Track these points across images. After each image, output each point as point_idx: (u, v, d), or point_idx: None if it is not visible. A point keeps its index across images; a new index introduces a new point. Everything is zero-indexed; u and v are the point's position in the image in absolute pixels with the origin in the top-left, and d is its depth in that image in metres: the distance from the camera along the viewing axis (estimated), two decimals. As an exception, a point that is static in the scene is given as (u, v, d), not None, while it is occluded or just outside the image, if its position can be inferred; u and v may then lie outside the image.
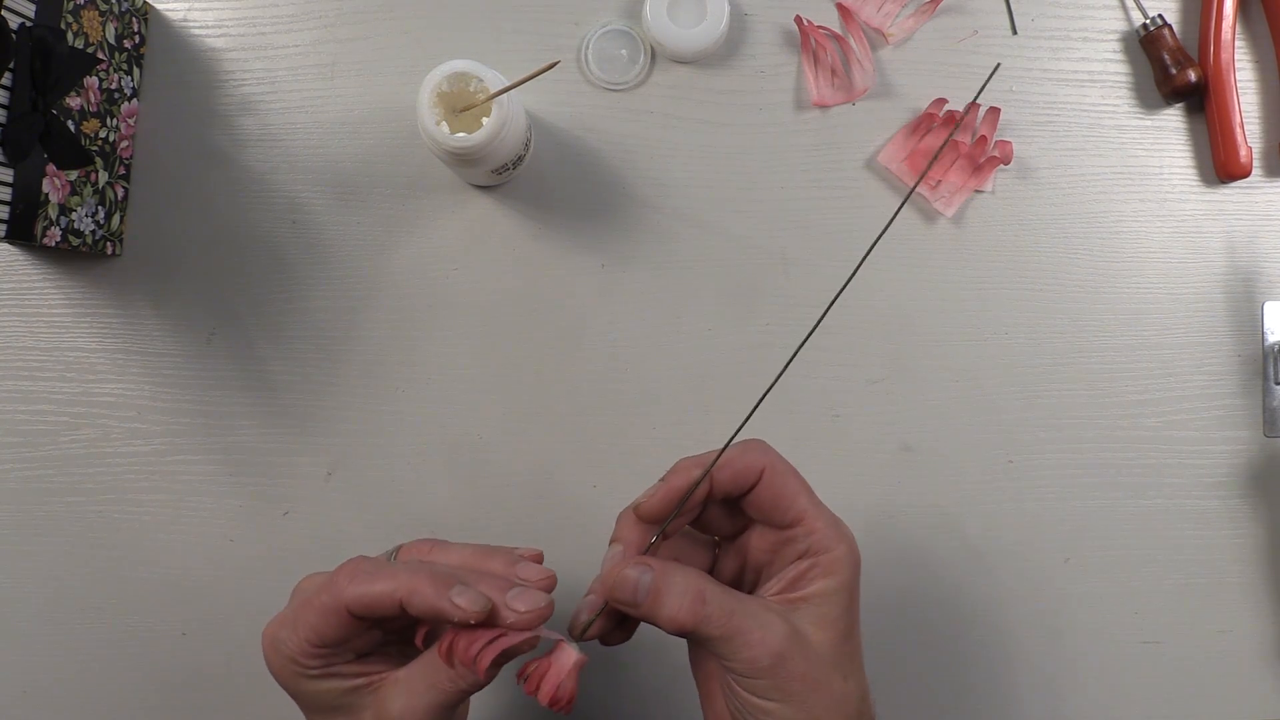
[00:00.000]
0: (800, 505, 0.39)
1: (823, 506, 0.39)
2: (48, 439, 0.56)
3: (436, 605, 0.36)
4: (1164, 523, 0.59)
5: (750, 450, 0.40)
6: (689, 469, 0.39)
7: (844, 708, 0.37)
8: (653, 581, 0.37)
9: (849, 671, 0.38)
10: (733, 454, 0.39)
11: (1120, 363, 0.59)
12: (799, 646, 0.37)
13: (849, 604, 0.38)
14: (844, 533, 0.39)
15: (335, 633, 0.37)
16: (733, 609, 0.36)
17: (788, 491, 0.39)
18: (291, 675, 0.38)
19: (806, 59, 0.59)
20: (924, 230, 0.59)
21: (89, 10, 0.51)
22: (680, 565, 0.38)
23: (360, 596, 0.36)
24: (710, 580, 0.38)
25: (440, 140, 0.48)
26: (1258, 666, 0.59)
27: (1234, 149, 0.59)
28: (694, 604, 0.36)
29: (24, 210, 0.47)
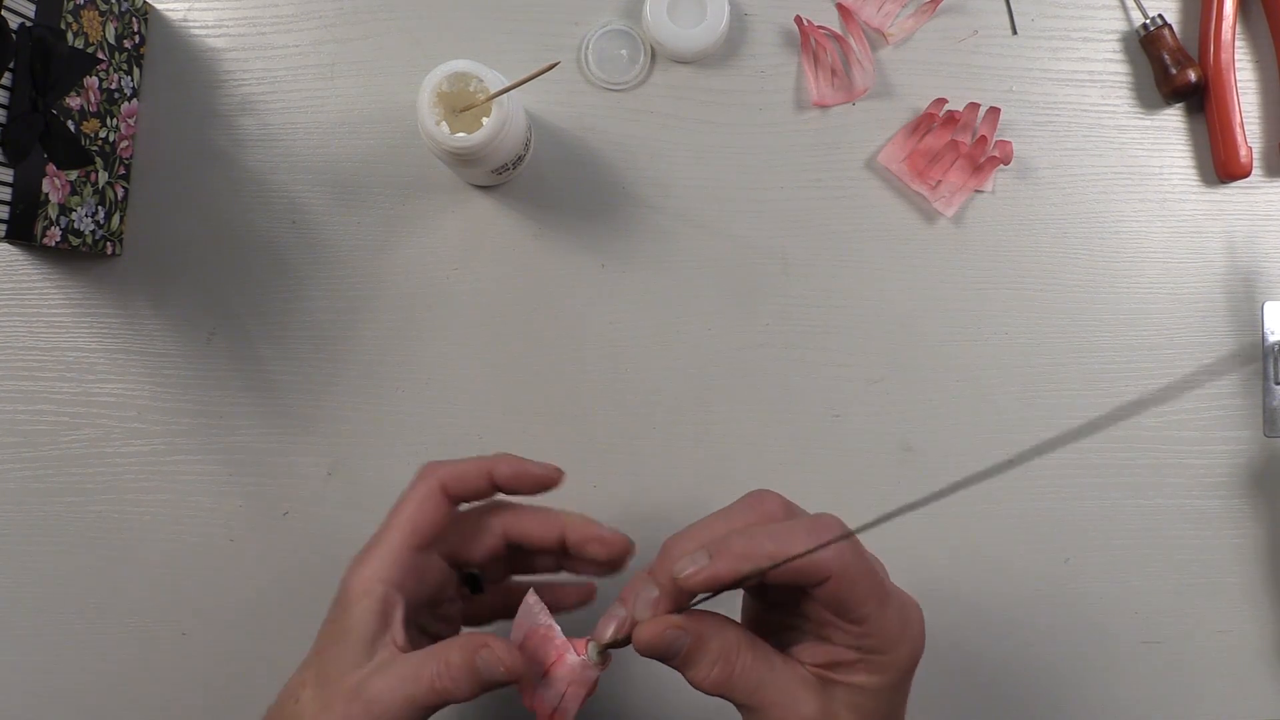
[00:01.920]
0: (865, 611, 0.35)
1: (891, 600, 0.35)
2: (48, 439, 0.56)
3: (521, 467, 0.42)
4: (1164, 523, 0.59)
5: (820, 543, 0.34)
6: (744, 555, 0.34)
7: None
8: (686, 645, 0.35)
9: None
10: (796, 541, 0.34)
11: (1120, 363, 0.59)
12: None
13: (892, 699, 0.36)
14: (909, 633, 0.36)
15: (430, 519, 0.40)
16: (760, 680, 0.35)
17: (854, 598, 0.35)
18: (365, 584, 0.39)
19: (806, 59, 0.59)
20: (924, 230, 0.59)
21: (89, 10, 0.51)
22: (719, 624, 0.36)
23: (453, 472, 0.41)
24: (747, 643, 0.36)
25: (440, 140, 0.48)
26: (1258, 666, 0.59)
27: (1234, 149, 0.59)
28: (722, 673, 0.35)
29: (24, 210, 0.47)
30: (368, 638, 0.38)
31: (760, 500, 0.38)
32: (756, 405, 0.58)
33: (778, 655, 0.36)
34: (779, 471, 0.57)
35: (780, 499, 0.38)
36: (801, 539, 0.33)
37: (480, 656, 0.37)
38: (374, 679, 0.37)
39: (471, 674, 0.37)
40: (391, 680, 0.37)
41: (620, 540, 0.42)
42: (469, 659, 0.37)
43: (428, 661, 0.37)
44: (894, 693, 0.36)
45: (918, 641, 0.36)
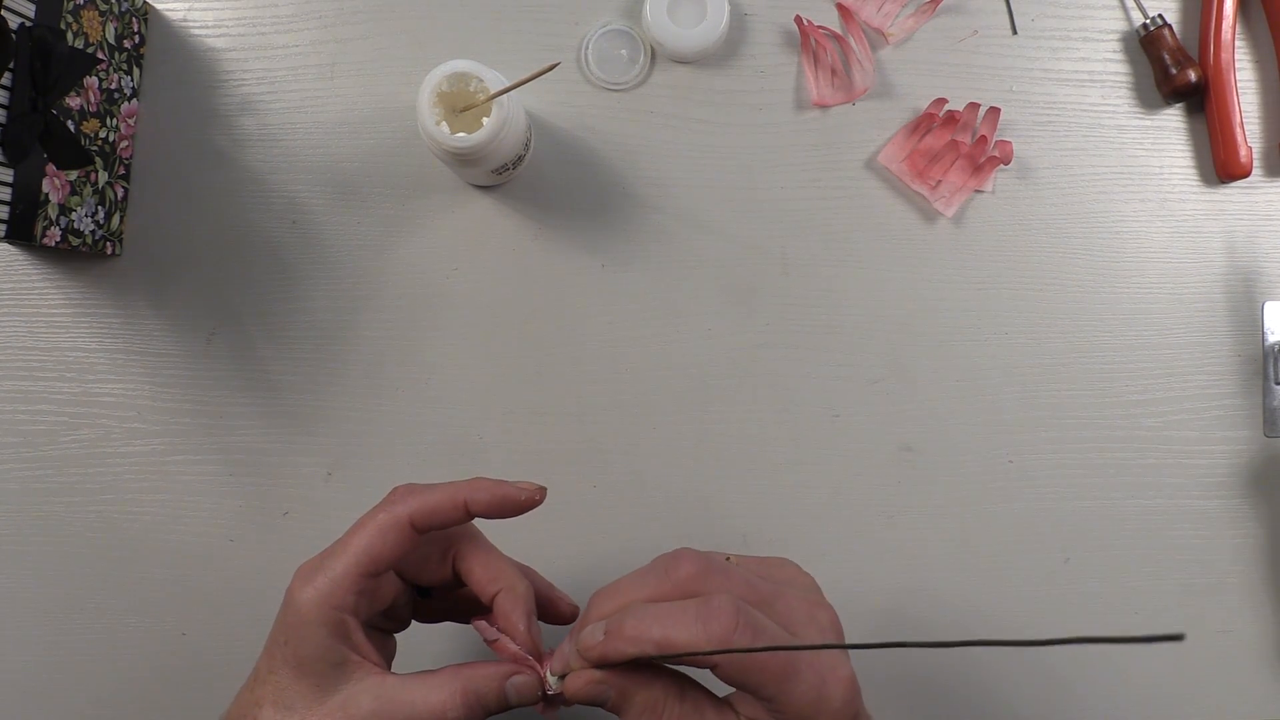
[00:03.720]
0: (766, 692, 0.34)
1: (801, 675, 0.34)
2: (47, 439, 0.56)
3: (499, 491, 0.39)
4: (1164, 523, 0.59)
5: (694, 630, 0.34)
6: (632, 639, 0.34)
7: None
8: (611, 699, 0.36)
9: None
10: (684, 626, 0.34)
11: (1120, 363, 0.59)
12: None
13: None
14: (826, 706, 0.35)
15: (391, 551, 0.38)
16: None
17: (749, 682, 0.34)
18: (315, 610, 0.37)
19: (806, 59, 0.59)
20: (924, 230, 0.59)
21: (89, 10, 0.51)
22: (646, 678, 0.36)
23: (423, 505, 0.38)
24: (675, 694, 0.36)
25: (440, 140, 0.48)
26: (1258, 666, 0.59)
27: (1234, 149, 0.59)
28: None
29: (24, 210, 0.47)
30: (333, 660, 0.37)
31: (673, 566, 0.37)
32: (756, 405, 0.58)
33: (712, 707, 0.37)
34: (779, 471, 0.58)
35: (692, 562, 0.37)
36: (689, 625, 0.34)
37: (512, 683, 0.38)
38: (362, 700, 0.37)
39: (497, 701, 0.38)
40: (385, 704, 0.37)
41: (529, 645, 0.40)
42: (498, 688, 0.38)
43: (436, 689, 0.37)
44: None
45: (839, 714, 0.35)
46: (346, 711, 0.37)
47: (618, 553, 0.57)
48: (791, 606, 0.37)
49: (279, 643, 0.38)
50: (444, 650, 0.55)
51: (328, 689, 0.37)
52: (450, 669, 0.38)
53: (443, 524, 0.39)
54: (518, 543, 0.57)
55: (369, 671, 0.38)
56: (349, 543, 0.38)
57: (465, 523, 0.40)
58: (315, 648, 0.37)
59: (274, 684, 0.38)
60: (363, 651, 0.38)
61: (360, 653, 0.38)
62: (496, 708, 0.38)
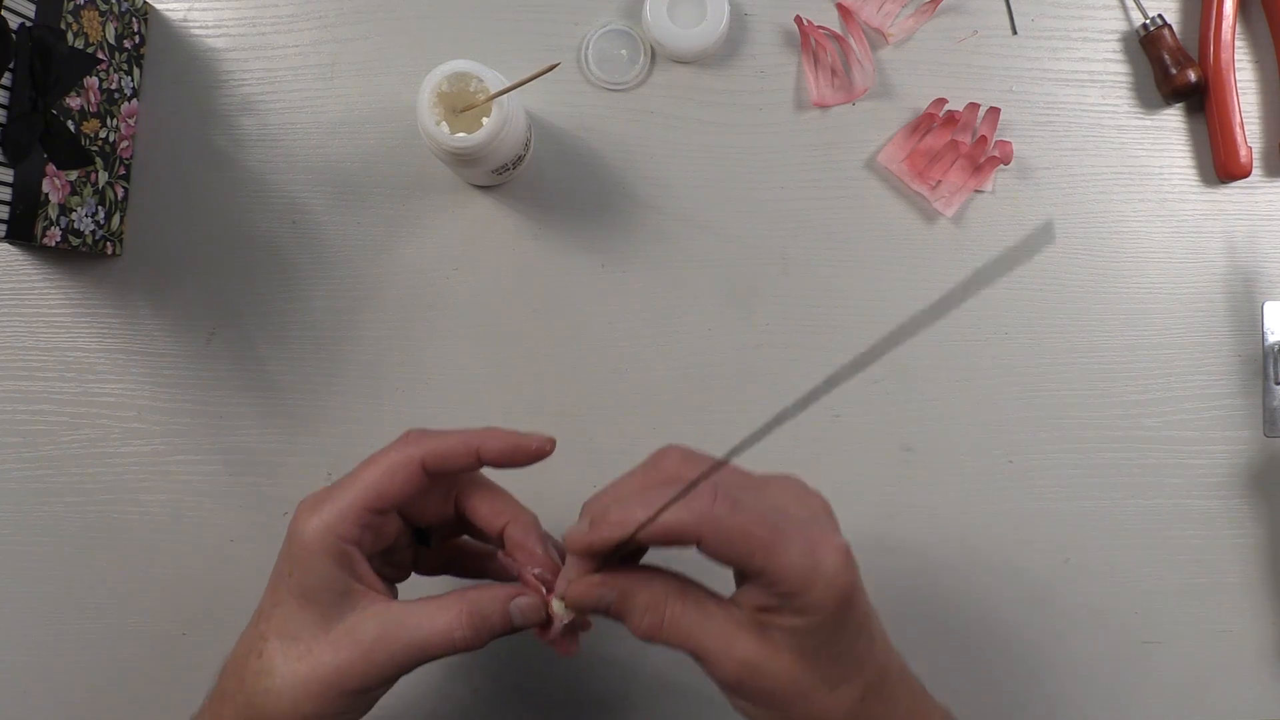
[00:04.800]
0: (754, 564, 0.34)
1: (788, 545, 0.34)
2: (47, 439, 0.56)
3: (511, 440, 0.39)
4: (1164, 523, 0.59)
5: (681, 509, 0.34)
6: (618, 523, 0.35)
7: (830, 714, 0.36)
8: (614, 601, 0.36)
9: (839, 680, 0.36)
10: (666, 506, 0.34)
11: (1120, 363, 0.59)
12: (765, 668, 0.35)
13: (831, 634, 0.35)
14: (820, 573, 0.34)
15: (399, 490, 0.38)
16: (691, 630, 0.36)
17: (735, 555, 0.34)
18: (320, 540, 0.37)
19: (806, 59, 0.59)
20: (924, 230, 0.59)
21: (89, 10, 0.51)
22: (646, 577, 0.37)
23: (436, 448, 0.38)
24: (676, 592, 0.36)
25: (440, 140, 0.48)
26: (1258, 666, 0.59)
27: (1234, 149, 0.59)
28: (651, 622, 0.36)
29: (24, 210, 0.47)
30: (339, 589, 0.37)
31: (660, 459, 0.38)
32: (756, 405, 0.58)
33: (714, 601, 0.36)
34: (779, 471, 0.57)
35: (678, 455, 0.38)
36: (677, 510, 0.34)
37: (516, 604, 0.38)
38: (368, 625, 0.37)
39: (502, 623, 0.38)
40: (392, 626, 0.37)
41: (549, 564, 0.40)
42: (502, 610, 0.38)
43: (442, 610, 0.37)
44: (831, 630, 0.35)
45: (835, 580, 0.34)
46: (353, 637, 0.37)
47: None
48: (780, 490, 0.38)
49: (283, 575, 0.38)
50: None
51: (333, 618, 0.37)
52: (455, 592, 0.38)
53: (453, 469, 0.39)
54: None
55: (374, 600, 0.38)
56: (358, 477, 0.38)
57: (475, 470, 0.40)
58: (320, 577, 0.37)
59: (279, 616, 0.38)
60: (367, 581, 0.38)
61: (365, 583, 0.38)
62: (502, 629, 0.38)
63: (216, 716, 0.39)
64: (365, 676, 0.37)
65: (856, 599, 0.36)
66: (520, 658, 0.56)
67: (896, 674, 0.39)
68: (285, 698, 0.37)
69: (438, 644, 0.37)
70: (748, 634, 0.35)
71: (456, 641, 0.37)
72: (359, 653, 0.37)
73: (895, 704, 0.38)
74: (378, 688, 0.38)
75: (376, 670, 0.37)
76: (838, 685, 0.36)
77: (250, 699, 0.38)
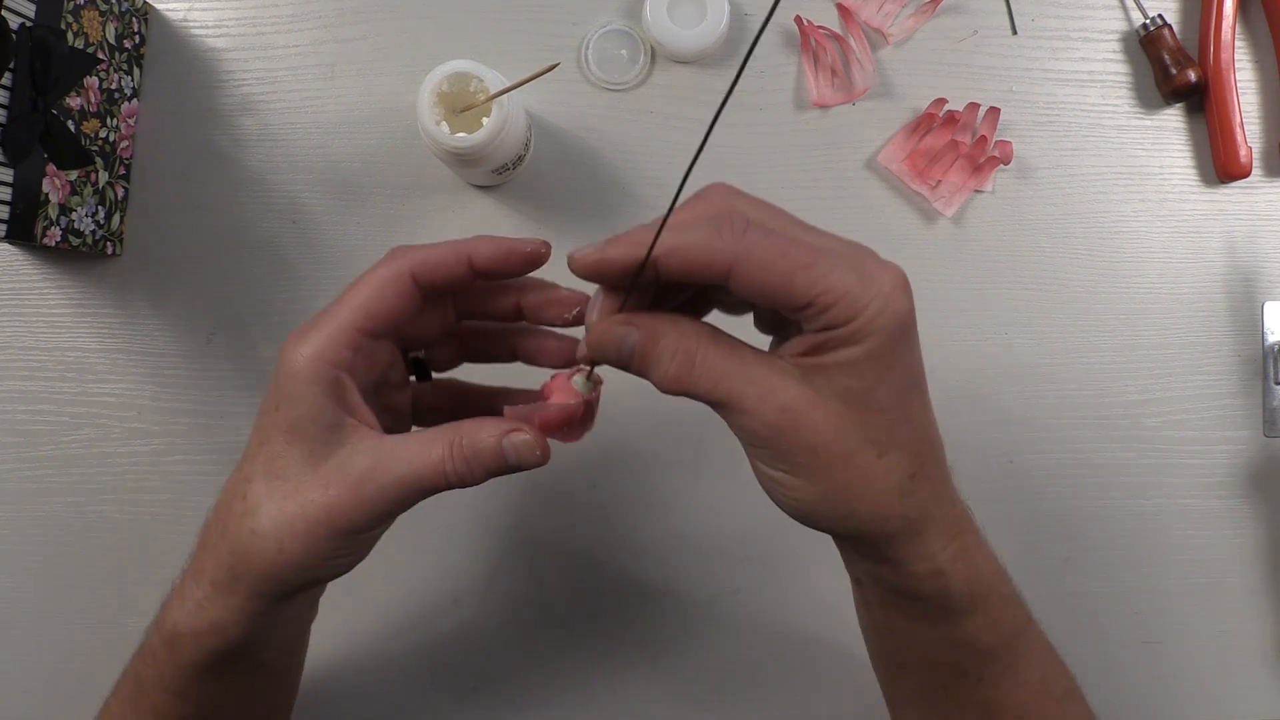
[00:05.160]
0: (795, 287, 0.29)
1: (833, 263, 0.30)
2: (48, 439, 0.56)
3: (504, 245, 0.36)
4: (1164, 523, 0.59)
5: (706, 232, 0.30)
6: (637, 242, 0.31)
7: (876, 485, 0.32)
8: (638, 343, 0.32)
9: (888, 445, 0.32)
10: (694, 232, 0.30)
11: (1120, 363, 0.59)
12: (807, 417, 0.31)
13: (882, 373, 0.31)
14: (873, 290, 0.30)
15: (391, 307, 0.35)
16: (724, 374, 0.31)
17: (770, 281, 0.30)
18: (309, 367, 0.34)
19: (806, 59, 0.59)
20: (924, 230, 0.59)
21: (89, 10, 0.51)
22: (674, 320, 0.32)
23: (426, 258, 0.35)
24: (708, 337, 0.32)
25: (440, 140, 0.48)
26: (1258, 666, 0.59)
27: (1234, 149, 0.59)
28: (680, 367, 0.32)
29: (24, 210, 0.47)
30: (328, 422, 0.34)
31: (705, 192, 0.33)
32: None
33: (750, 350, 0.32)
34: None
35: (724, 194, 0.33)
36: (701, 231, 0.30)
37: (509, 440, 0.34)
38: (357, 459, 0.34)
39: (495, 460, 0.34)
40: (384, 459, 0.34)
41: (577, 298, 0.37)
42: (495, 445, 0.34)
43: (434, 443, 0.34)
44: (881, 366, 0.31)
45: (891, 300, 0.30)
46: (341, 472, 0.34)
47: (618, 553, 0.57)
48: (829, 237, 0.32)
49: (269, 411, 0.35)
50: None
51: (321, 454, 0.34)
52: (448, 425, 0.35)
53: (445, 281, 0.36)
54: (517, 543, 0.57)
55: (364, 434, 0.35)
56: (346, 299, 0.35)
57: (468, 283, 0.37)
58: (309, 408, 0.34)
59: (264, 456, 0.35)
60: (358, 414, 0.35)
61: (355, 415, 0.35)
62: (496, 467, 0.35)
63: (197, 572, 0.36)
64: (355, 514, 0.34)
65: (911, 333, 0.32)
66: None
67: (944, 464, 0.35)
68: (270, 538, 0.34)
69: (430, 478, 0.34)
70: (790, 380, 0.31)
71: (449, 476, 0.34)
72: (348, 488, 0.34)
73: (945, 502, 0.34)
74: (369, 527, 0.35)
75: (367, 507, 0.34)
76: (886, 450, 0.32)
77: (234, 544, 0.35)
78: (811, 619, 0.57)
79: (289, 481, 0.34)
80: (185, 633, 0.37)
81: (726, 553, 0.57)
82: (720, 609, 0.57)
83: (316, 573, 0.35)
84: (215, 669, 0.37)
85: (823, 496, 0.32)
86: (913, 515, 0.33)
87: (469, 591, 0.56)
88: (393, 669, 0.56)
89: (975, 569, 0.35)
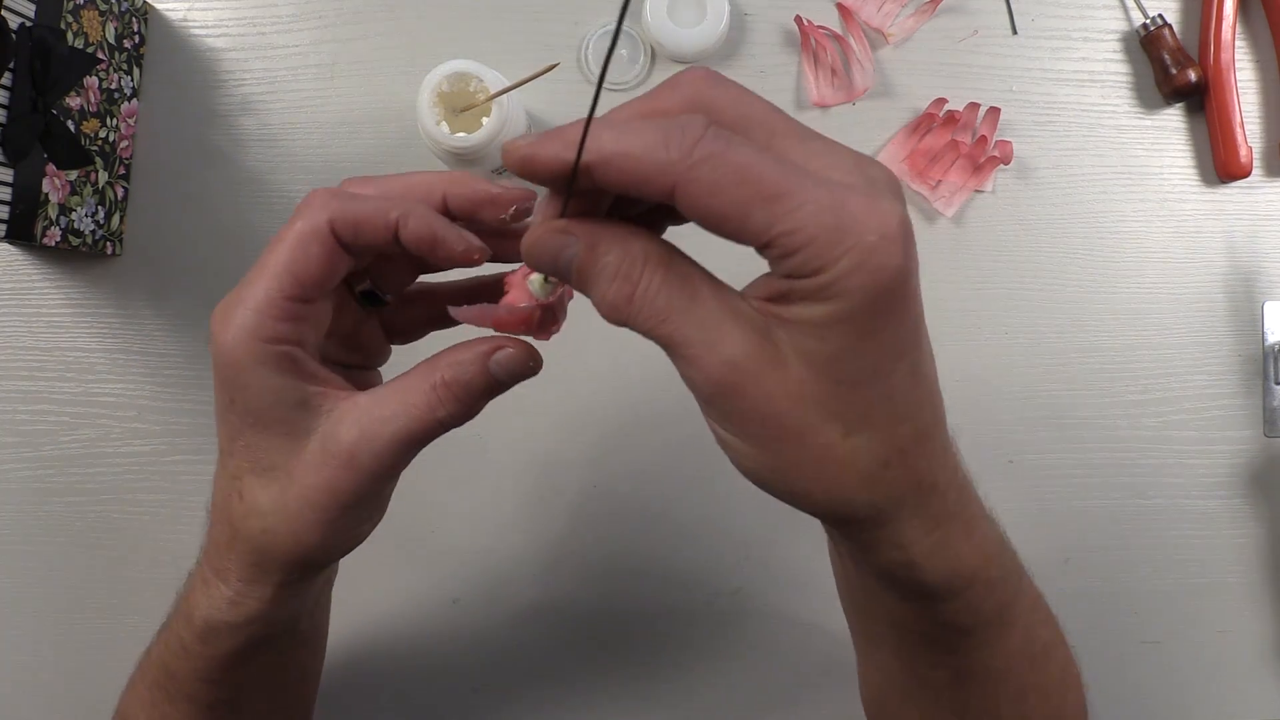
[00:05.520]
0: (753, 222, 0.24)
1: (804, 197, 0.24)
2: (48, 439, 0.56)
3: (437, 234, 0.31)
4: (1164, 523, 0.59)
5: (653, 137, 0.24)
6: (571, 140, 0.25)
7: (837, 469, 0.26)
8: (578, 256, 0.27)
9: (857, 425, 0.26)
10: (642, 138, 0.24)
11: (1120, 363, 0.59)
12: (759, 380, 0.26)
13: (856, 340, 0.25)
14: (854, 237, 0.24)
15: (312, 267, 0.30)
16: (669, 311, 0.26)
17: (724, 207, 0.24)
18: (245, 350, 0.30)
19: (806, 59, 0.59)
20: (924, 230, 0.59)
21: (89, 10, 0.51)
22: (622, 233, 0.27)
23: (348, 211, 0.30)
24: (659, 262, 0.26)
25: (440, 140, 0.48)
26: (1258, 666, 0.59)
27: (1234, 149, 0.59)
28: (620, 292, 0.26)
29: (24, 210, 0.47)
30: (292, 400, 0.31)
31: (676, 82, 0.28)
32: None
33: (710, 284, 0.27)
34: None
35: (700, 83, 0.28)
36: (647, 135, 0.24)
37: (495, 360, 0.31)
38: (341, 431, 0.31)
39: (486, 386, 0.31)
40: (368, 424, 0.31)
41: (516, 196, 0.32)
42: (481, 371, 0.31)
43: (413, 391, 0.31)
44: (852, 332, 0.25)
45: (874, 253, 0.24)
46: (328, 449, 0.31)
47: (618, 553, 0.57)
48: (824, 151, 0.27)
49: (226, 405, 0.32)
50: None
51: (300, 433, 0.31)
52: (423, 364, 0.32)
53: (368, 244, 0.31)
54: (517, 543, 0.57)
55: (338, 399, 0.31)
56: (267, 263, 0.30)
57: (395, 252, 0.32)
58: (265, 392, 0.31)
59: (243, 450, 0.32)
60: (322, 379, 0.31)
61: (320, 382, 0.31)
62: (488, 392, 0.32)
63: (221, 571, 0.34)
64: (358, 486, 0.31)
65: (901, 297, 0.25)
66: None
67: (936, 448, 0.29)
68: (284, 534, 0.32)
69: (424, 429, 0.31)
70: (744, 328, 0.26)
71: (444, 420, 0.31)
72: (341, 465, 0.31)
73: (929, 491, 0.29)
74: (377, 491, 0.33)
75: (367, 476, 0.31)
76: (855, 431, 0.26)
77: (250, 545, 0.33)
78: (811, 618, 0.57)
79: (280, 471, 0.32)
80: (221, 626, 0.35)
81: (726, 553, 0.57)
82: (720, 609, 0.57)
83: (342, 547, 0.34)
84: (254, 652, 0.36)
85: (773, 470, 0.27)
86: (882, 503, 0.28)
87: (469, 592, 0.56)
88: (392, 669, 0.56)
89: (956, 562, 0.31)
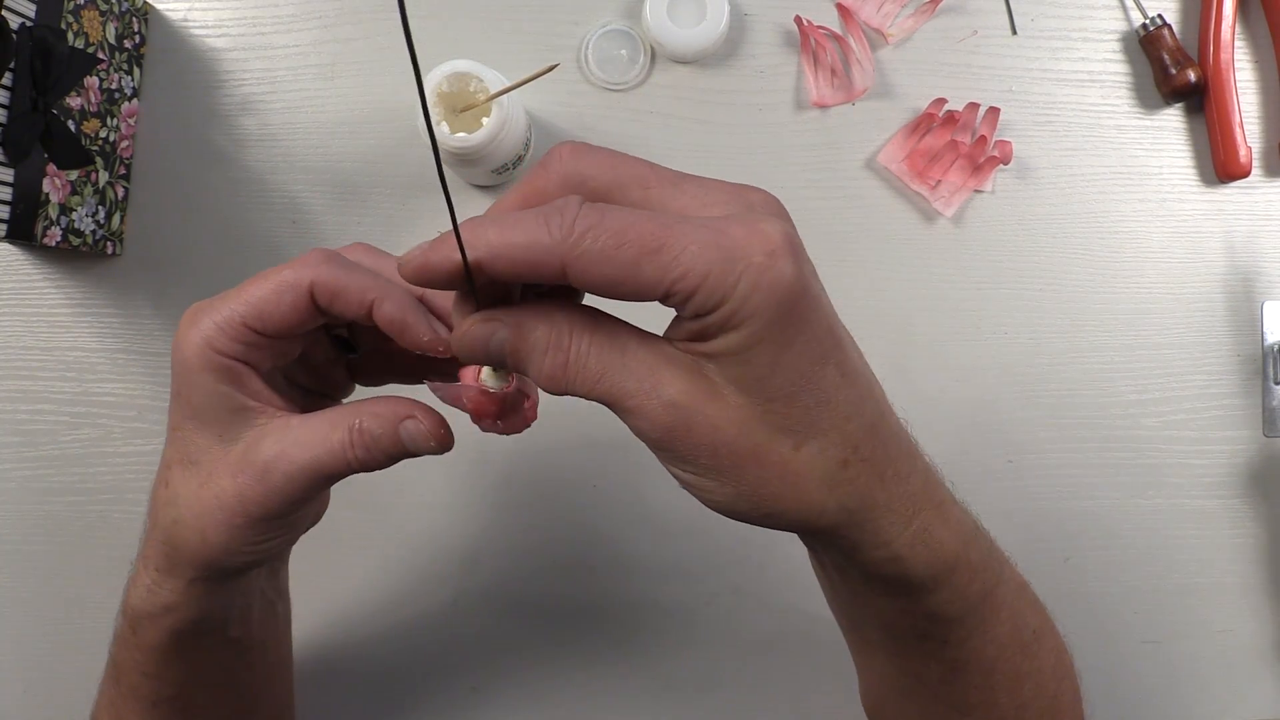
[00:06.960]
0: (645, 278, 0.25)
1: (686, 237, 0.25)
2: (48, 438, 0.56)
3: (408, 320, 0.33)
4: (1164, 523, 0.59)
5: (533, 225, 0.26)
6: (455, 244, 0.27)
7: (798, 480, 0.28)
8: (508, 340, 0.28)
9: (805, 433, 0.27)
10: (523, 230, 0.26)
11: (1120, 363, 0.59)
12: (701, 414, 0.27)
13: (776, 356, 0.26)
14: (739, 260, 0.25)
15: (280, 314, 0.32)
16: (604, 369, 0.27)
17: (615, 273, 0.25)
18: (198, 355, 0.32)
19: (806, 59, 0.59)
20: (924, 230, 0.59)
21: (89, 10, 0.51)
22: (546, 310, 0.28)
23: (331, 279, 0.32)
24: (585, 326, 0.27)
25: (440, 140, 0.49)
26: (1258, 666, 0.59)
27: (1234, 149, 0.59)
28: (555, 363, 0.27)
29: (24, 210, 0.47)
30: (230, 406, 0.33)
31: (547, 162, 0.29)
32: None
33: (636, 337, 0.28)
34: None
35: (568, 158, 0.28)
36: (527, 225, 0.26)
37: (405, 429, 0.33)
38: (263, 445, 0.33)
39: (394, 447, 0.33)
40: (288, 446, 0.32)
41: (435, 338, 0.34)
42: (392, 431, 0.33)
43: (335, 427, 0.32)
44: (771, 349, 0.26)
45: (766, 271, 0.25)
46: (247, 459, 0.33)
47: (618, 554, 0.57)
48: (699, 191, 0.28)
49: (174, 395, 0.34)
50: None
51: (229, 437, 0.33)
52: (351, 405, 0.33)
53: (341, 316, 0.33)
54: (516, 543, 0.57)
55: (271, 415, 0.33)
56: (244, 289, 0.33)
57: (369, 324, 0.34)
58: (207, 395, 0.33)
59: (179, 440, 0.34)
60: (263, 398, 0.33)
61: (260, 399, 0.33)
62: (397, 453, 0.33)
63: (145, 557, 0.36)
64: (266, 501, 0.33)
65: (805, 305, 0.27)
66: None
67: (888, 435, 0.31)
68: (192, 529, 0.33)
69: (332, 465, 0.32)
70: (676, 370, 0.27)
71: (352, 463, 0.33)
72: (255, 477, 0.32)
73: (893, 480, 0.30)
74: (285, 513, 0.34)
75: (277, 495, 0.33)
76: (805, 440, 0.28)
77: (164, 533, 0.35)
78: (811, 618, 0.57)
79: (203, 467, 0.33)
80: (143, 615, 0.36)
81: (726, 553, 0.57)
82: (720, 609, 0.57)
83: (247, 557, 0.35)
84: (180, 649, 0.37)
85: (739, 497, 0.29)
86: (852, 505, 0.29)
87: (468, 592, 0.56)
88: (392, 669, 0.56)
89: (938, 548, 0.32)
